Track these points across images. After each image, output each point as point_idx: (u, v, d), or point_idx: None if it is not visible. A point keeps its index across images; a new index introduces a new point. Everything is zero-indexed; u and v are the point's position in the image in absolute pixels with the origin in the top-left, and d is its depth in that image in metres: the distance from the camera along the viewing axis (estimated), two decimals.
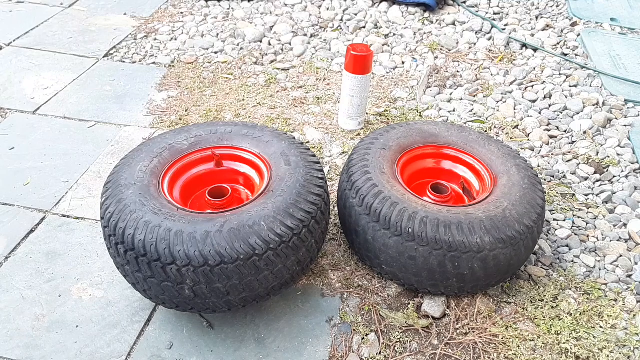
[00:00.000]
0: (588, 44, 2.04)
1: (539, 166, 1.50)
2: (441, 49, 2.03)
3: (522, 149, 1.56)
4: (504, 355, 1.02)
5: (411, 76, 1.87)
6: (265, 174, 1.08)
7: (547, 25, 2.19)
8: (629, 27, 2.19)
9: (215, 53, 1.97)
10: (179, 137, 1.14)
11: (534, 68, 1.92)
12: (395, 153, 1.19)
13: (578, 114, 1.69)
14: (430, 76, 1.87)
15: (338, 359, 1.01)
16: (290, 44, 2.04)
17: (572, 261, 1.22)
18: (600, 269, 1.20)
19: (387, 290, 1.14)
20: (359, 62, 1.47)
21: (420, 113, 1.69)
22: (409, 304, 1.11)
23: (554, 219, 1.33)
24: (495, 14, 2.29)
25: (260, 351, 1.02)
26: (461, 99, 1.76)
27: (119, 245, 0.93)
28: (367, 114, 1.66)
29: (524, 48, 2.05)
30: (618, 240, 1.27)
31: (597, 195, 1.40)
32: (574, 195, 1.40)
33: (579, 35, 2.12)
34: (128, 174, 1.03)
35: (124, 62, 1.92)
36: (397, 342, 1.04)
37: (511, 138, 1.59)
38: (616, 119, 1.66)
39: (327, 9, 2.26)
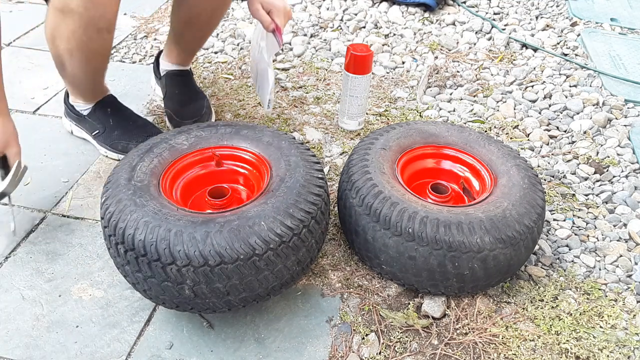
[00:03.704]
0: (588, 44, 2.04)
1: (539, 166, 1.50)
2: (441, 49, 2.03)
3: (522, 149, 1.56)
4: (504, 355, 1.02)
5: (411, 76, 1.87)
6: (265, 174, 1.08)
7: (547, 25, 2.19)
8: (629, 27, 2.20)
9: (215, 53, 1.98)
10: (179, 137, 1.14)
11: (534, 68, 1.92)
12: (395, 153, 1.19)
13: (578, 114, 1.69)
14: (430, 76, 1.87)
15: (338, 359, 1.01)
16: (290, 44, 2.04)
17: (572, 261, 1.22)
18: (600, 269, 1.20)
19: (387, 290, 1.14)
20: (359, 62, 1.47)
21: (420, 113, 1.69)
22: (409, 304, 1.11)
23: (554, 219, 1.33)
24: (495, 14, 2.29)
25: (260, 351, 1.02)
26: (461, 99, 1.76)
27: (119, 245, 0.93)
28: (367, 114, 1.66)
29: (524, 48, 2.05)
30: (618, 240, 1.27)
31: (597, 195, 1.40)
32: (574, 195, 1.40)
33: (579, 35, 2.12)
34: (128, 174, 1.03)
35: (124, 62, 1.92)
36: (397, 342, 1.04)
37: (511, 138, 1.59)
38: (616, 119, 1.66)
39: (327, 9, 2.26)
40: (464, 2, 2.35)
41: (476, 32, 2.14)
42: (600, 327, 1.08)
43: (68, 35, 1.19)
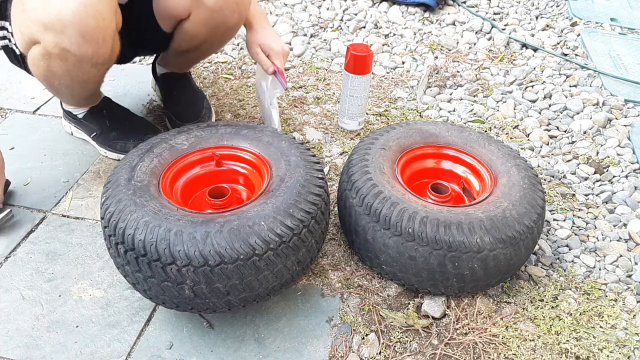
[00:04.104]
0: (588, 44, 2.04)
1: (539, 166, 1.50)
2: (441, 49, 2.03)
3: (522, 149, 1.56)
4: (504, 355, 1.02)
5: (411, 76, 1.87)
6: (265, 174, 1.08)
7: (547, 25, 2.19)
8: (629, 27, 2.20)
9: (215, 53, 1.97)
10: (179, 137, 1.14)
11: (534, 68, 1.92)
12: (395, 153, 1.19)
13: (578, 114, 1.69)
14: (430, 76, 1.87)
15: (338, 359, 1.01)
16: (290, 43, 2.04)
17: (572, 261, 1.22)
18: (600, 269, 1.20)
19: (387, 290, 1.14)
20: (359, 62, 1.47)
21: (420, 113, 1.69)
22: (409, 304, 1.11)
23: (554, 219, 1.33)
24: (495, 14, 2.30)
25: (260, 351, 1.02)
26: (461, 99, 1.76)
27: (119, 245, 0.93)
28: (367, 114, 1.66)
29: (524, 48, 2.05)
30: (618, 240, 1.27)
31: (597, 195, 1.40)
32: (574, 195, 1.40)
33: (579, 35, 2.12)
34: (128, 174, 1.03)
35: None
36: (397, 342, 1.04)
37: (511, 138, 1.59)
38: (616, 119, 1.67)
39: (327, 9, 2.26)
40: (464, 2, 2.35)
41: (476, 32, 2.14)
42: (600, 327, 1.08)
43: (62, 74, 1.16)
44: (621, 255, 1.23)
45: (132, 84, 1.80)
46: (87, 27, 1.04)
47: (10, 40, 1.23)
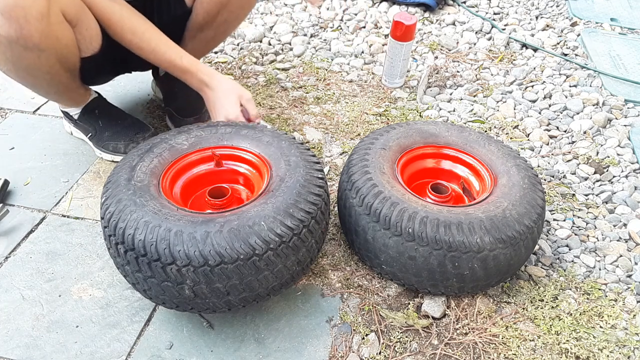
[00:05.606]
0: (588, 44, 2.04)
1: (539, 166, 1.50)
2: (441, 49, 2.03)
3: (522, 149, 1.56)
4: (504, 355, 1.02)
5: (411, 76, 1.87)
6: (265, 174, 1.08)
7: (547, 25, 2.19)
8: (629, 27, 2.20)
9: (215, 53, 1.98)
10: (179, 137, 1.14)
11: (534, 68, 1.92)
12: (395, 153, 1.19)
13: (578, 114, 1.69)
14: (430, 76, 1.87)
15: (338, 359, 1.01)
16: (290, 44, 2.04)
17: (572, 261, 1.22)
18: (600, 269, 1.20)
19: (387, 290, 1.14)
20: (409, 30, 1.71)
21: (420, 113, 1.69)
22: (409, 304, 1.11)
23: (554, 219, 1.33)
24: (495, 14, 2.29)
25: (260, 351, 1.02)
26: (461, 99, 1.76)
27: (119, 245, 0.93)
28: (367, 113, 1.67)
29: (524, 48, 2.05)
30: (618, 240, 1.27)
31: (597, 195, 1.40)
32: (574, 195, 1.40)
33: (579, 35, 2.12)
34: (128, 174, 1.03)
35: None
36: (397, 342, 1.04)
37: (511, 138, 1.59)
38: (616, 119, 1.66)
39: (327, 9, 2.26)
40: (464, 2, 2.35)
41: (476, 32, 2.14)
42: (600, 327, 1.08)
43: (5, 61, 1.16)
44: (621, 255, 1.23)
45: (132, 84, 1.80)
46: (6, 5, 1.04)
47: None
